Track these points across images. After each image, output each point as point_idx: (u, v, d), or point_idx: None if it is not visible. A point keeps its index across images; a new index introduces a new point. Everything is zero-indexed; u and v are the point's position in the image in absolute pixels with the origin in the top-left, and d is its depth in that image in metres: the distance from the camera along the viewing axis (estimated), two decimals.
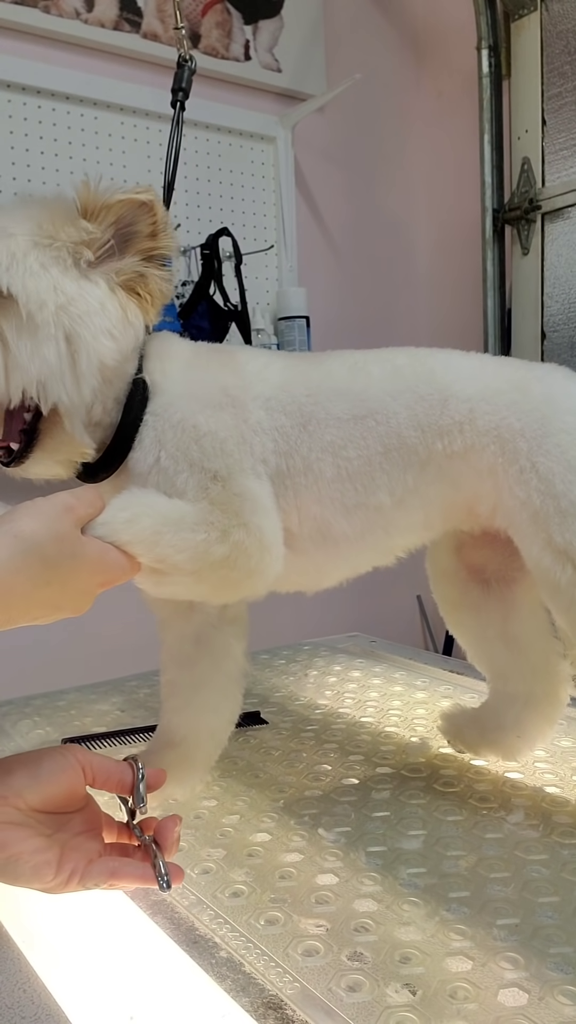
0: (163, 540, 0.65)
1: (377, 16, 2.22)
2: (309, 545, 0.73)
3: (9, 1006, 0.53)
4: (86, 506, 0.63)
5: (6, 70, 1.64)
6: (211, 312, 1.83)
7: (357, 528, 0.73)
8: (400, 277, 2.31)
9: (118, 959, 0.58)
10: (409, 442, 0.71)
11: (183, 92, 0.96)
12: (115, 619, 1.55)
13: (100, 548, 0.62)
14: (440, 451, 0.71)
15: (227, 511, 0.68)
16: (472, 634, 0.87)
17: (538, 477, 0.67)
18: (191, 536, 0.66)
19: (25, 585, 0.57)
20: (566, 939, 0.58)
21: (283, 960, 0.56)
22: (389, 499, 0.72)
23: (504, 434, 0.69)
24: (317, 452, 0.71)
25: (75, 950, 0.59)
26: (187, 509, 0.67)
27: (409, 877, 0.66)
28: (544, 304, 1.92)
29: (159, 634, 0.81)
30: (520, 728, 0.84)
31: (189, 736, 0.79)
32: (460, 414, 0.71)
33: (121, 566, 0.63)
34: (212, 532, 0.66)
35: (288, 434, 0.71)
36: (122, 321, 0.69)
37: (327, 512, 0.72)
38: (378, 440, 0.71)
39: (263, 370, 0.74)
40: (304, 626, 1.59)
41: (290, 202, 2.03)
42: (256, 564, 0.68)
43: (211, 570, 0.67)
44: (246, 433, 0.70)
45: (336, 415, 0.71)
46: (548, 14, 1.85)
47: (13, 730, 1.01)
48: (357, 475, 0.71)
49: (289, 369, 0.75)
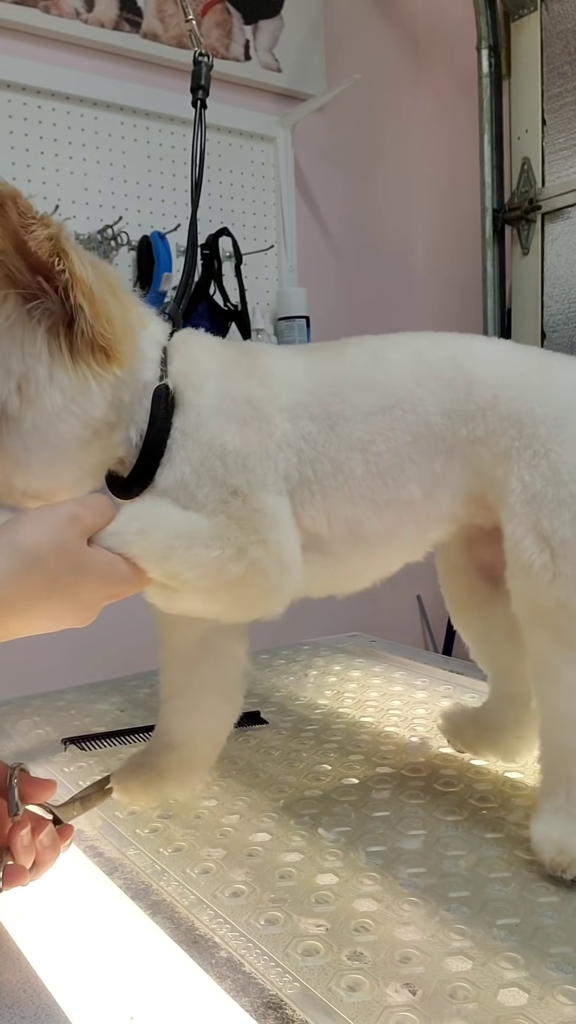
0: (175, 555, 0.63)
1: (377, 16, 2.22)
2: (341, 547, 0.72)
3: (9, 1006, 0.53)
4: (94, 515, 0.60)
5: (6, 70, 1.64)
6: (211, 312, 1.84)
7: (389, 524, 0.71)
8: (400, 277, 2.31)
9: (118, 959, 0.58)
10: (436, 429, 0.70)
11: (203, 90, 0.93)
12: (115, 619, 1.55)
13: (107, 561, 0.60)
14: (464, 437, 0.70)
15: (245, 527, 0.66)
16: (478, 632, 0.87)
17: (548, 463, 0.67)
18: (205, 552, 0.64)
19: (25, 600, 0.55)
20: (566, 939, 0.58)
21: (283, 960, 0.56)
22: (419, 490, 0.70)
23: (524, 419, 0.68)
24: (346, 452, 0.69)
25: (75, 950, 0.59)
26: (203, 524, 0.66)
27: (409, 877, 0.66)
28: (544, 304, 1.92)
29: (159, 633, 0.80)
30: (521, 729, 0.84)
31: (189, 737, 0.79)
32: (484, 399, 0.69)
33: (129, 580, 0.61)
34: (228, 549, 0.65)
35: (315, 440, 0.69)
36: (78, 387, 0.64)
37: (359, 511, 0.70)
38: (406, 429, 0.70)
39: (289, 374, 0.72)
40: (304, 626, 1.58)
41: (290, 202, 2.03)
42: (274, 583, 0.67)
43: (225, 588, 0.66)
44: (271, 448, 0.68)
45: (363, 409, 0.70)
46: (548, 14, 1.85)
47: (13, 730, 1.01)
48: (388, 469, 0.70)
49: (314, 368, 0.73)
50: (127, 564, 0.61)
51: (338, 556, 0.72)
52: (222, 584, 0.65)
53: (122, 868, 0.69)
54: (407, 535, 0.73)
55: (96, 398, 0.65)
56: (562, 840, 0.65)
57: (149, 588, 0.65)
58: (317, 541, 0.71)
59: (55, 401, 0.63)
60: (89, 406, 0.65)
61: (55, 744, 0.96)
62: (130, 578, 0.62)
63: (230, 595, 0.66)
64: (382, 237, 2.26)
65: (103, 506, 0.62)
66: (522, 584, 0.68)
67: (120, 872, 0.68)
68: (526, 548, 0.67)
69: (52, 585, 0.56)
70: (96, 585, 0.59)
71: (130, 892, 0.65)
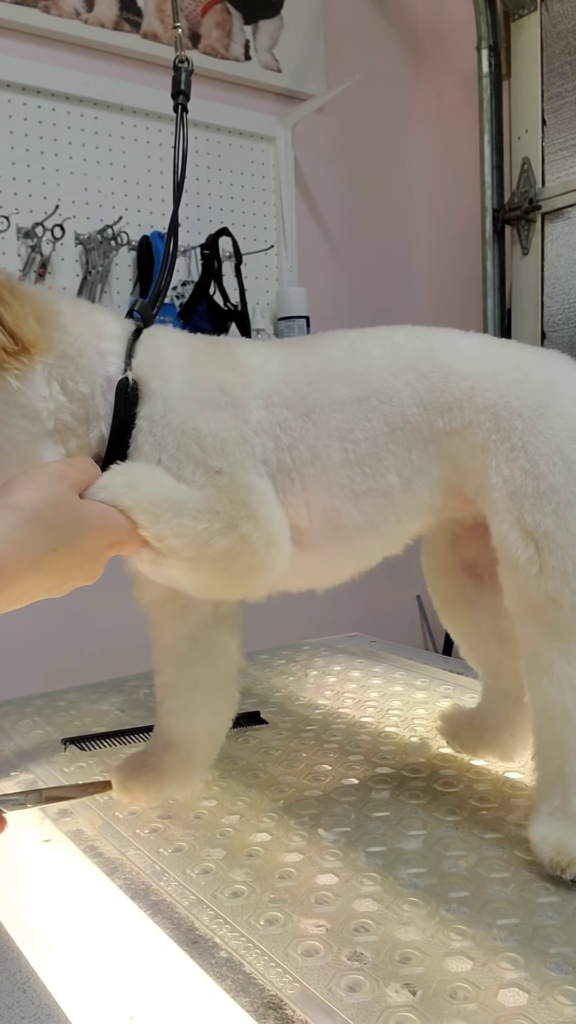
0: (163, 517, 0.64)
1: (377, 16, 2.22)
2: (320, 539, 0.72)
3: (9, 1006, 0.53)
4: (79, 472, 0.62)
5: (6, 70, 1.64)
6: (211, 312, 1.84)
7: (368, 515, 0.72)
8: (400, 277, 2.31)
9: (118, 959, 0.58)
10: (412, 420, 0.70)
11: (183, 95, 0.94)
12: (115, 619, 1.55)
13: (102, 509, 0.62)
14: (441, 428, 0.70)
15: (235, 501, 0.66)
16: (465, 630, 0.87)
17: (526, 456, 0.67)
18: (192, 523, 0.65)
19: (32, 554, 0.56)
20: (566, 939, 0.58)
21: (283, 960, 0.56)
22: (398, 480, 0.71)
23: (501, 412, 0.69)
24: (324, 439, 0.70)
25: (75, 950, 0.59)
26: (193, 494, 0.66)
27: (409, 877, 0.66)
28: (544, 304, 1.92)
29: (151, 635, 0.81)
30: (513, 726, 0.84)
31: (188, 737, 0.79)
32: (461, 391, 0.70)
33: (126, 529, 0.63)
34: (216, 522, 0.65)
35: (291, 427, 0.70)
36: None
37: (337, 501, 0.71)
38: (383, 420, 0.70)
39: (264, 364, 0.73)
40: (304, 626, 1.59)
41: (290, 202, 2.03)
42: (260, 560, 0.67)
43: (210, 561, 0.66)
44: (246, 434, 0.69)
45: (339, 399, 0.70)
46: (548, 14, 1.85)
47: (13, 730, 1.01)
48: (366, 458, 0.70)
49: (289, 360, 0.74)
50: (121, 514, 0.63)
51: (317, 549, 0.73)
52: (207, 556, 0.66)
53: (122, 868, 0.69)
54: (386, 526, 0.73)
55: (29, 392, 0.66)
56: (561, 841, 0.65)
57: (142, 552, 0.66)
58: (298, 534, 0.71)
59: None
60: (25, 399, 0.66)
61: (55, 744, 0.96)
62: (127, 527, 0.63)
63: (214, 567, 0.67)
64: (382, 237, 2.26)
65: (87, 464, 0.64)
66: (511, 579, 0.68)
67: (120, 872, 0.68)
68: (512, 543, 0.67)
69: (55, 536, 0.58)
70: (96, 534, 0.61)
71: (130, 892, 0.65)
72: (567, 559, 0.65)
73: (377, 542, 0.75)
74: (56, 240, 1.67)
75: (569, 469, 0.66)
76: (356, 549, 0.74)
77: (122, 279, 1.78)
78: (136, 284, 1.80)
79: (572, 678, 0.66)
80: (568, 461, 0.66)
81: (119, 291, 1.78)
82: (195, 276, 1.85)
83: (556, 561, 0.65)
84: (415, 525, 0.76)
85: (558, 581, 0.65)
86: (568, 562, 0.65)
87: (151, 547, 0.65)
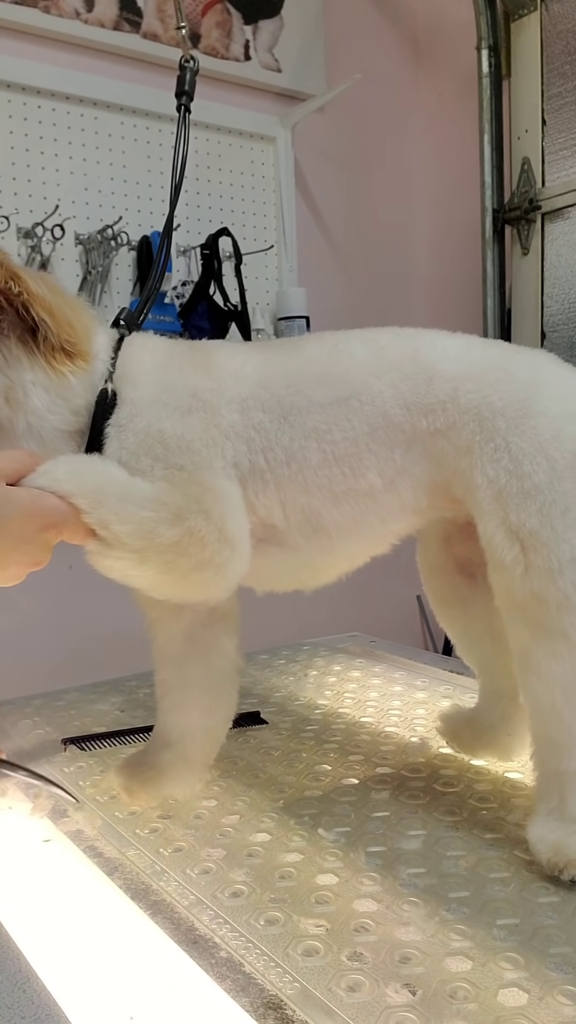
0: (106, 503, 0.65)
1: (377, 16, 2.22)
2: (299, 539, 0.72)
3: (9, 1006, 0.53)
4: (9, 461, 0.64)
5: (6, 70, 1.64)
6: (211, 312, 1.83)
7: (349, 515, 0.72)
8: (400, 277, 2.31)
9: (118, 959, 0.58)
10: (395, 420, 0.71)
11: (187, 96, 0.94)
12: (115, 619, 1.55)
13: (31, 493, 0.63)
14: (425, 429, 0.70)
15: (187, 496, 0.67)
16: (460, 629, 0.87)
17: (509, 456, 0.67)
18: (137, 511, 0.66)
19: None
20: (566, 939, 0.58)
21: (283, 960, 0.56)
22: (380, 480, 0.71)
23: (484, 412, 0.69)
24: (300, 440, 0.70)
25: (75, 950, 0.59)
26: (142, 485, 0.68)
27: (409, 877, 0.66)
28: (544, 304, 1.92)
29: (149, 634, 0.81)
30: (509, 726, 0.84)
31: (186, 735, 0.79)
32: (444, 392, 0.70)
33: (62, 512, 0.64)
34: (162, 512, 0.66)
35: (266, 429, 0.70)
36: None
37: (315, 501, 0.71)
38: (364, 420, 0.71)
39: (241, 369, 0.73)
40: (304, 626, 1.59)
41: (290, 202, 2.03)
42: (211, 556, 0.67)
43: (156, 552, 0.66)
44: (216, 437, 0.70)
45: (318, 401, 0.71)
46: (548, 14, 1.85)
47: (13, 730, 1.01)
48: (345, 458, 0.71)
49: (268, 363, 0.74)
50: (56, 498, 0.64)
51: (297, 549, 0.73)
52: (153, 547, 0.66)
53: (122, 868, 0.69)
54: (369, 526, 0.74)
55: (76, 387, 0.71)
56: (558, 841, 0.65)
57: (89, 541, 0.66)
58: (274, 533, 0.72)
59: (42, 399, 0.69)
60: (74, 396, 0.71)
61: (55, 744, 0.96)
62: (63, 511, 0.64)
63: (161, 560, 0.67)
64: (382, 237, 2.26)
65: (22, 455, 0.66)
66: (499, 579, 0.69)
67: (120, 872, 0.68)
68: (498, 544, 0.67)
69: None
70: (24, 516, 0.62)
71: (130, 892, 0.65)
72: (552, 558, 0.65)
73: (361, 542, 0.76)
74: (56, 240, 1.67)
75: (553, 468, 0.66)
76: (338, 549, 0.75)
77: (122, 279, 1.78)
78: (136, 284, 1.80)
79: (560, 676, 0.66)
80: (551, 460, 0.66)
81: (119, 291, 1.78)
82: (195, 276, 1.85)
83: (541, 560, 0.66)
84: (400, 525, 0.76)
85: (544, 580, 0.66)
86: (553, 560, 0.65)
87: (96, 536, 0.66)
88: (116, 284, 1.77)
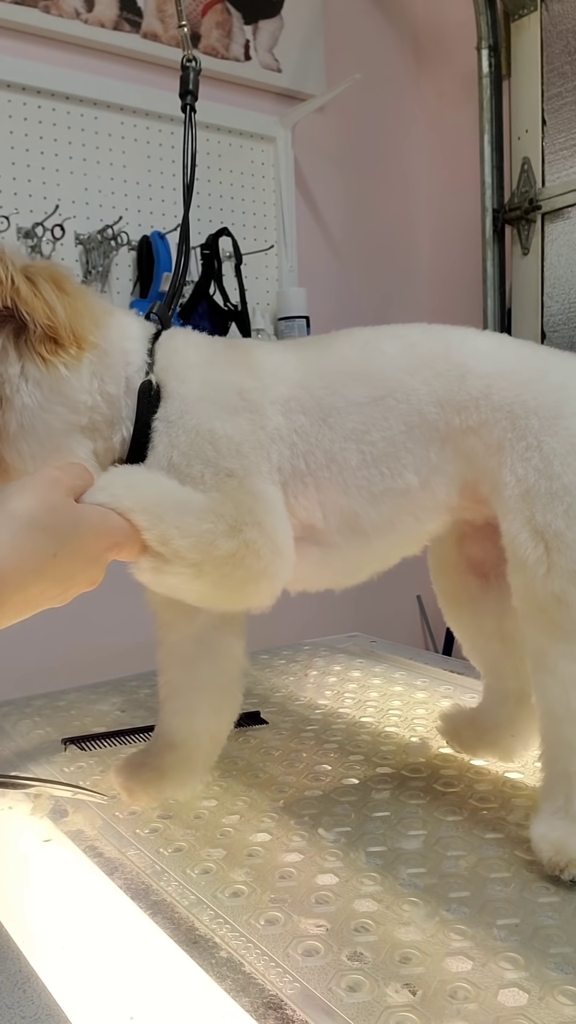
0: (167, 518, 0.64)
1: (377, 16, 2.22)
2: (338, 539, 0.72)
3: (9, 1006, 0.53)
4: (73, 477, 0.62)
5: (6, 70, 1.64)
6: (211, 312, 1.84)
7: (386, 515, 0.71)
8: (400, 277, 2.31)
9: (118, 959, 0.58)
10: (429, 418, 0.70)
11: (191, 95, 0.94)
12: (115, 619, 1.55)
13: (100, 511, 0.62)
14: (457, 426, 0.70)
15: (240, 506, 0.66)
16: (469, 629, 0.87)
17: (540, 455, 0.67)
18: (196, 523, 0.64)
19: (34, 561, 0.56)
20: (566, 939, 0.58)
21: (283, 960, 0.56)
22: (416, 479, 0.71)
23: (517, 410, 0.69)
24: (340, 442, 0.70)
25: (75, 950, 0.59)
26: (195, 495, 0.66)
27: (409, 877, 0.66)
28: (544, 304, 1.92)
29: (158, 634, 0.81)
30: (514, 727, 0.84)
31: (189, 737, 0.79)
32: (477, 389, 0.70)
33: (125, 531, 0.62)
34: (220, 524, 0.65)
35: (308, 433, 0.70)
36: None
37: (354, 502, 0.71)
38: (400, 419, 0.70)
39: (280, 368, 0.72)
40: (304, 626, 1.59)
41: (290, 202, 2.03)
42: (265, 567, 0.67)
43: (214, 565, 0.65)
44: (263, 440, 0.69)
45: (356, 400, 0.70)
46: (548, 14, 1.85)
47: (13, 730, 1.01)
48: (383, 458, 0.70)
49: (305, 363, 0.73)
50: (120, 516, 0.63)
51: (336, 548, 0.73)
52: (212, 559, 0.65)
53: (122, 868, 0.69)
54: (404, 526, 0.73)
55: (75, 383, 0.68)
56: (560, 841, 0.65)
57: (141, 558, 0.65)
58: (313, 533, 0.71)
59: (35, 396, 0.66)
60: (71, 391, 0.68)
61: (55, 744, 0.96)
62: (126, 529, 0.63)
63: (219, 573, 0.66)
64: (382, 237, 2.26)
65: (80, 470, 0.64)
66: (519, 578, 0.68)
67: (120, 872, 0.68)
68: (521, 543, 0.67)
69: (54, 541, 0.58)
70: (95, 535, 0.61)
71: (130, 892, 0.65)
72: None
73: (395, 542, 0.75)
74: (56, 240, 1.67)
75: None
76: (374, 548, 0.74)
77: (122, 279, 1.78)
78: (136, 284, 1.80)
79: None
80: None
81: (119, 291, 1.78)
82: (195, 276, 1.85)
83: (565, 561, 0.65)
84: (433, 524, 0.75)
85: (565, 581, 0.65)
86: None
87: (152, 552, 0.64)
88: (116, 284, 1.78)
